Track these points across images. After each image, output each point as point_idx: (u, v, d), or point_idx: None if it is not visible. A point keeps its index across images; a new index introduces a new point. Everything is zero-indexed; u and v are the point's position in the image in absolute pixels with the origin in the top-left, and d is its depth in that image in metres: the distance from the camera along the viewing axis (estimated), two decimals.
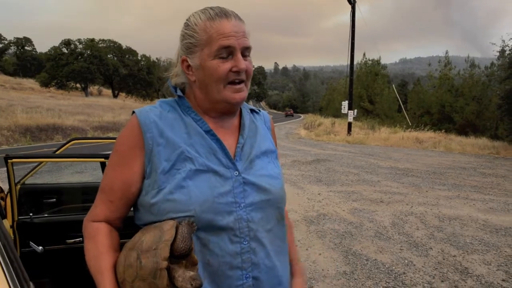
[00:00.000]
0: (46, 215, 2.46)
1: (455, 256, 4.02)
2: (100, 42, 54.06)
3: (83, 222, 0.98)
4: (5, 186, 2.45)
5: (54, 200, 2.91)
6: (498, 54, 18.70)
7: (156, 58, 62.88)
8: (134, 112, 0.96)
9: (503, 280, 3.46)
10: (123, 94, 56.64)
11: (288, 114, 72.16)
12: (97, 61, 49.08)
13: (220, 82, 0.91)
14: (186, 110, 0.98)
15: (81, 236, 2.09)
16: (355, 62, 25.61)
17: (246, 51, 0.93)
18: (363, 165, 10.57)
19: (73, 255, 2.09)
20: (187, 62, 0.95)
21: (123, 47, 56.52)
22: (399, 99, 30.59)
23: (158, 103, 1.00)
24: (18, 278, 1.07)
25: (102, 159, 2.23)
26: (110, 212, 0.95)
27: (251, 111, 1.10)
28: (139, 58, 57.21)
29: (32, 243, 2.08)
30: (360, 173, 9.18)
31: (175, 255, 0.82)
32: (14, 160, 2.04)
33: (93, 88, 58.37)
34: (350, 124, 21.50)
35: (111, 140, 3.02)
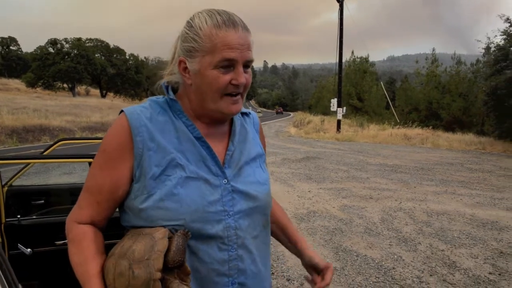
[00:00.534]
0: (34, 217, 2.43)
1: (443, 250, 4.08)
2: (87, 41, 53.48)
3: (66, 222, 0.95)
4: None
5: (42, 201, 2.88)
6: (483, 51, 19.01)
7: (145, 57, 62.59)
8: (122, 111, 0.94)
9: (490, 273, 3.53)
10: (111, 94, 56.08)
11: (278, 112, 72.76)
12: (84, 60, 48.49)
13: (217, 92, 0.89)
14: (177, 113, 0.95)
15: None
16: (344, 60, 25.79)
17: (247, 64, 0.91)
18: (353, 162, 10.65)
19: (62, 256, 2.07)
20: (184, 64, 0.92)
21: (111, 46, 55.98)
22: (387, 96, 30.87)
23: (148, 102, 0.98)
24: (7, 280, 1.06)
25: (91, 160, 2.20)
26: (96, 213, 0.93)
27: (242, 114, 1.09)
28: (127, 57, 56.72)
29: (20, 246, 2.06)
30: (349, 170, 9.25)
31: (169, 267, 0.82)
32: (0, 162, 2.02)
33: (80, 88, 57.61)
34: (339, 121, 21.65)
35: (100, 140, 2.99)
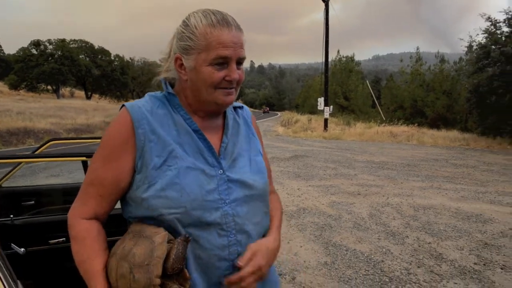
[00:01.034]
0: (27, 217, 2.42)
1: (430, 243, 4.19)
2: (71, 42, 52.46)
3: (68, 218, 0.97)
4: None
5: (32, 202, 2.86)
6: (466, 49, 19.31)
7: (130, 58, 61.69)
8: (123, 105, 0.98)
9: (475, 264, 3.64)
10: (97, 96, 55.19)
11: (265, 111, 73.15)
12: (68, 62, 47.57)
13: (211, 87, 0.95)
14: (175, 107, 1.01)
15: (64, 236, 2.08)
16: (330, 60, 25.91)
17: (240, 61, 0.98)
18: (340, 159, 10.77)
19: (56, 255, 2.07)
20: (180, 61, 0.97)
21: (96, 47, 55.13)
22: (373, 95, 31.25)
23: (147, 96, 1.03)
24: (11, 277, 1.08)
25: (84, 158, 2.21)
26: (100, 207, 0.96)
27: (234, 108, 1.15)
28: (112, 58, 55.88)
29: (13, 245, 2.05)
30: (337, 167, 9.36)
31: (168, 273, 0.85)
32: None
33: (65, 90, 56.74)
34: (326, 120, 21.80)
35: (90, 140, 2.97)
